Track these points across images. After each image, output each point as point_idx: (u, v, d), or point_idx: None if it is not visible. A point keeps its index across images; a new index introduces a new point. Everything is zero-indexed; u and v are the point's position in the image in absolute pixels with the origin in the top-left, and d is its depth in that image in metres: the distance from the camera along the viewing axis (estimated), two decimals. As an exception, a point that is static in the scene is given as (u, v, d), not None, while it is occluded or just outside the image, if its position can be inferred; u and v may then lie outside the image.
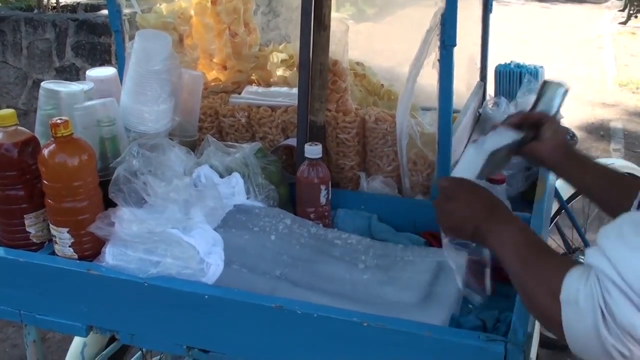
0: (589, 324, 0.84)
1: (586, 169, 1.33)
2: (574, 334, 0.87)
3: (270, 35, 2.17)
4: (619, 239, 0.86)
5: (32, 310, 1.34)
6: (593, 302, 0.84)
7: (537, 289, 0.94)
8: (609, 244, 0.87)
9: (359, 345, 1.10)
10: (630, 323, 0.81)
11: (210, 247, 1.29)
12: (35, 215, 1.35)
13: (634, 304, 0.81)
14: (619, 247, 0.85)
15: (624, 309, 0.82)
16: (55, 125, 1.23)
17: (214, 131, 1.79)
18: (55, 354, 2.76)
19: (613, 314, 0.82)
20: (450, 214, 1.15)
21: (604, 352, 0.84)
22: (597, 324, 0.83)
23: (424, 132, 1.59)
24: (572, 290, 0.87)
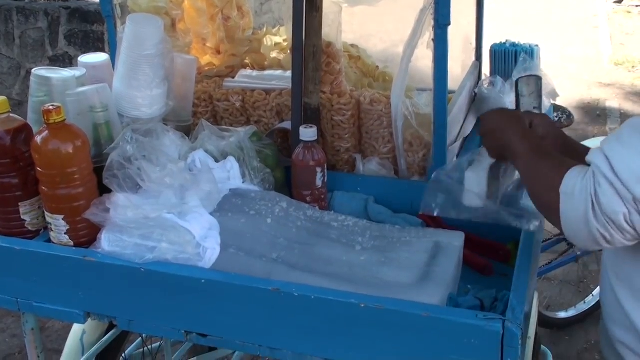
0: (581, 212, 1.00)
1: (582, 156, 1.34)
2: (568, 221, 1.03)
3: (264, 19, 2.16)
4: (617, 138, 1.00)
5: (29, 298, 1.34)
6: (586, 193, 0.99)
7: (542, 185, 1.10)
8: (607, 143, 1.01)
9: (357, 327, 1.10)
10: (613, 210, 0.97)
11: (207, 232, 1.28)
12: (30, 203, 1.35)
13: (619, 193, 0.96)
14: (615, 144, 0.99)
15: (610, 198, 0.97)
16: (47, 112, 1.23)
17: (208, 116, 1.78)
18: (55, 343, 2.77)
19: (600, 202, 0.97)
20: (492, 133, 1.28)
21: (590, 236, 1.00)
22: (587, 211, 0.99)
23: (420, 112, 1.58)
24: (570, 183, 1.02)
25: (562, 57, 6.86)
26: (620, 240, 1.00)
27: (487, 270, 1.40)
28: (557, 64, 6.38)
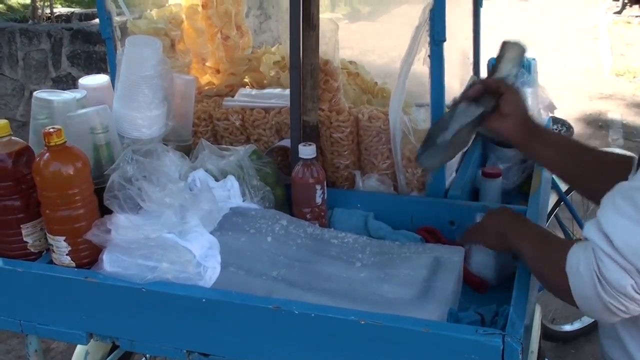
0: (590, 288, 1.00)
1: (550, 144, 1.35)
2: (580, 297, 1.03)
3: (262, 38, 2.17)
4: (611, 207, 1.00)
5: (32, 320, 1.35)
6: (590, 269, 1.00)
7: (549, 268, 1.11)
8: (603, 214, 1.01)
9: (358, 344, 1.10)
10: (620, 284, 0.97)
11: (207, 251, 1.29)
12: (32, 225, 1.35)
13: (622, 267, 0.96)
14: (610, 214, 0.99)
15: (614, 273, 0.97)
16: (48, 135, 1.24)
17: (208, 135, 1.79)
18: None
19: (605, 278, 0.98)
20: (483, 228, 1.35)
21: (606, 310, 1.01)
22: (596, 287, 0.99)
23: (418, 128, 1.59)
24: (573, 261, 1.03)
25: (563, 69, 6.88)
26: (636, 309, 1.00)
27: (482, 288, 1.40)
28: (557, 75, 6.40)
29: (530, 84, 1.91)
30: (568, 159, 1.33)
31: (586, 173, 1.31)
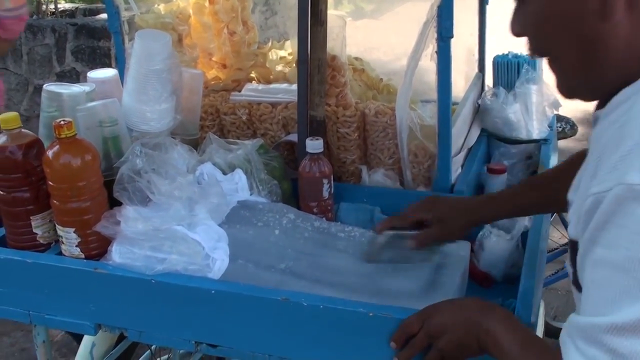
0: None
1: (499, 209, 1.33)
2: None
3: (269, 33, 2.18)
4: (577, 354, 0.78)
5: (41, 311, 1.35)
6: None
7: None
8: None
9: (366, 336, 1.11)
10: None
11: (215, 243, 1.30)
12: (42, 217, 1.36)
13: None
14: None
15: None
16: (58, 127, 1.25)
17: (215, 129, 1.80)
18: (66, 357, 2.78)
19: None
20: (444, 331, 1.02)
21: None
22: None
23: (424, 124, 1.60)
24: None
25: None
26: None
27: (487, 282, 1.41)
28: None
29: (535, 80, 1.92)
30: (530, 206, 1.31)
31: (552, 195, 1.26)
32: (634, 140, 0.74)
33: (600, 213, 0.75)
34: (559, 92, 0.94)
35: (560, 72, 0.91)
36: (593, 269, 0.77)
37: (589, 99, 0.93)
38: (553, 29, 0.87)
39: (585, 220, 0.78)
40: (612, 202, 0.73)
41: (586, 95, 0.92)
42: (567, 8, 0.83)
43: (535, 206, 1.32)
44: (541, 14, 0.87)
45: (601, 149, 0.80)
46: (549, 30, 0.87)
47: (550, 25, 0.87)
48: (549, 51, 0.91)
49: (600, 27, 0.82)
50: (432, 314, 1.04)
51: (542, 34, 0.89)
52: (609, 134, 0.80)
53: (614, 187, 0.73)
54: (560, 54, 0.89)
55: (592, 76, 0.87)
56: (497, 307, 1.00)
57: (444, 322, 1.02)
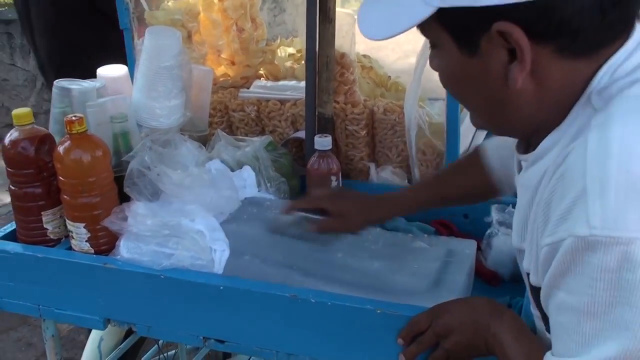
0: None
1: (392, 208, 1.37)
2: None
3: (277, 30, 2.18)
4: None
5: (51, 305, 1.36)
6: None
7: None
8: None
9: (373, 333, 1.12)
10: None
11: (213, 233, 1.31)
12: (53, 212, 1.37)
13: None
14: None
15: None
16: (70, 122, 1.25)
17: (224, 126, 1.81)
18: (72, 352, 2.79)
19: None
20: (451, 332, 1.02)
21: None
22: None
23: (433, 122, 1.60)
24: None
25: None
26: None
27: (495, 281, 1.42)
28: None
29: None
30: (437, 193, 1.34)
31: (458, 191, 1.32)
32: (577, 190, 0.75)
33: (557, 262, 0.77)
34: (470, 122, 0.98)
35: (472, 114, 0.95)
36: (558, 312, 0.79)
37: (498, 134, 1.02)
38: (460, 84, 0.89)
39: (543, 268, 0.80)
40: (566, 252, 0.75)
41: (495, 133, 1.01)
42: (473, 70, 0.84)
43: (426, 206, 1.37)
44: (449, 68, 0.88)
45: (547, 199, 0.81)
46: (457, 84, 0.90)
47: (458, 80, 0.89)
48: (458, 98, 0.95)
49: (504, 90, 0.83)
50: (441, 313, 1.04)
51: (450, 83, 0.91)
52: (550, 184, 0.82)
53: (566, 239, 0.75)
54: (468, 103, 0.93)
55: (500, 124, 0.91)
56: (507, 312, 1.00)
57: (452, 323, 1.02)
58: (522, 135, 0.92)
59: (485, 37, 0.80)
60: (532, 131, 0.88)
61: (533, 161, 0.88)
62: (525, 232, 0.91)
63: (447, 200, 1.36)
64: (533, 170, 0.88)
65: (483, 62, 0.82)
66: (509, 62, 0.80)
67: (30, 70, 5.35)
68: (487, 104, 0.87)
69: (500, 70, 0.81)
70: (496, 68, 0.82)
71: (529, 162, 0.90)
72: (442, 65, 0.89)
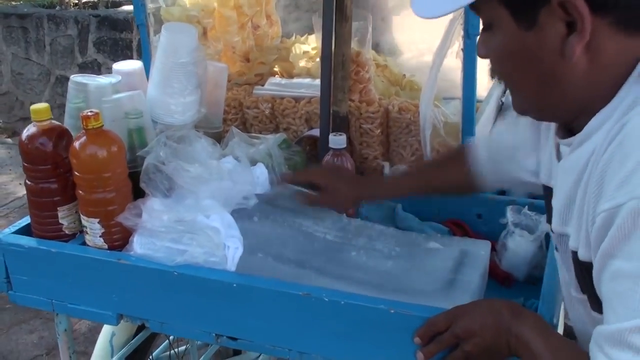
0: None
1: (384, 190, 1.42)
2: None
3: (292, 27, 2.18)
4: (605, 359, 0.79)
5: (64, 300, 1.37)
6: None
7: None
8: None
9: (386, 332, 1.11)
10: None
11: (228, 230, 1.30)
12: (68, 208, 1.37)
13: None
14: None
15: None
16: (86, 118, 1.26)
17: (238, 123, 1.81)
18: (82, 345, 2.81)
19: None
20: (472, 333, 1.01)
21: None
22: None
23: (448, 121, 1.59)
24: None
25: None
26: None
27: (508, 282, 1.41)
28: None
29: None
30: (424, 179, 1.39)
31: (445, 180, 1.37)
32: (638, 156, 0.76)
33: (616, 227, 0.77)
34: (513, 109, 0.98)
35: (517, 96, 0.96)
36: (613, 281, 0.79)
37: (539, 119, 1.02)
38: (515, 60, 0.90)
39: (598, 237, 0.80)
40: (627, 216, 0.75)
41: (537, 118, 0.99)
42: (530, 44, 0.86)
43: (416, 190, 1.40)
44: (505, 46, 0.89)
45: (601, 170, 0.82)
46: (511, 61, 0.90)
47: (513, 57, 0.89)
48: (509, 78, 0.95)
49: (559, 64, 0.85)
50: (460, 315, 1.03)
51: (504, 63, 0.92)
52: (604, 157, 0.82)
53: (627, 202, 0.75)
54: (520, 82, 0.93)
55: (547, 105, 0.92)
56: (528, 312, 1.00)
57: (472, 325, 1.01)
58: (567, 116, 0.93)
59: (544, 10, 0.82)
60: (578, 111, 0.89)
61: (579, 142, 0.90)
62: (570, 215, 0.92)
63: (434, 189, 1.40)
64: (579, 152, 0.89)
65: (540, 35, 0.84)
66: (566, 35, 0.82)
67: (44, 64, 5.38)
68: (539, 82, 0.89)
69: (557, 44, 0.83)
70: (553, 41, 0.84)
71: (575, 145, 0.91)
72: (496, 45, 0.90)
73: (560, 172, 0.96)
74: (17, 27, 5.41)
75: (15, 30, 5.41)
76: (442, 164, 1.41)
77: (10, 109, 5.65)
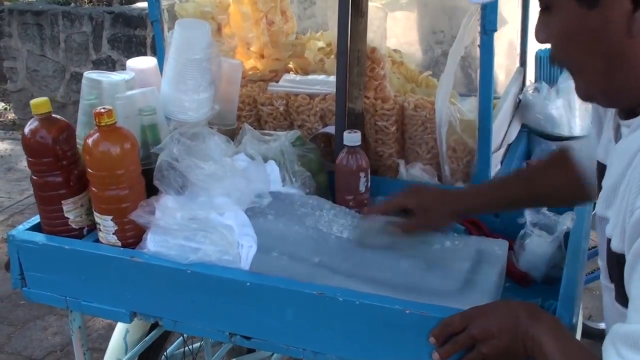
0: None
1: (482, 201, 1.32)
2: None
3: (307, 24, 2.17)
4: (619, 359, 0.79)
5: (78, 297, 1.36)
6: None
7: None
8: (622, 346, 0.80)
9: (401, 333, 1.10)
10: None
11: (242, 228, 1.29)
12: (74, 201, 1.37)
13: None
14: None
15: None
16: (99, 114, 1.25)
17: (252, 119, 1.80)
18: (97, 342, 2.82)
19: None
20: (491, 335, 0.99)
21: None
22: None
23: (464, 118, 1.57)
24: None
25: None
26: None
27: (525, 282, 1.39)
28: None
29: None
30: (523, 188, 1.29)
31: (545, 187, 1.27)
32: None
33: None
34: (577, 95, 0.94)
35: (582, 80, 0.91)
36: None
37: (607, 105, 0.96)
38: (578, 42, 0.86)
39: (633, 232, 0.78)
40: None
41: (604, 103, 0.94)
42: (593, 24, 0.82)
43: (519, 201, 1.32)
44: (567, 27, 0.86)
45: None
46: (574, 43, 0.86)
47: (575, 38, 0.86)
48: (573, 62, 0.90)
49: (626, 42, 0.81)
50: (477, 316, 1.02)
51: (566, 46, 0.88)
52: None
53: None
54: (584, 65, 0.89)
55: (614, 87, 0.87)
56: (545, 314, 0.98)
57: (489, 327, 0.99)
58: (632, 101, 0.88)
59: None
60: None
61: (637, 126, 0.86)
62: (614, 199, 0.88)
63: (538, 198, 1.30)
64: (636, 136, 0.86)
65: (605, 13, 0.81)
66: (632, 12, 0.79)
67: (59, 61, 5.40)
68: (606, 62, 0.85)
69: (624, 21, 0.80)
70: (619, 18, 0.80)
71: (633, 127, 0.87)
72: (556, 27, 0.87)
73: (616, 154, 0.92)
74: (32, 24, 5.43)
75: (30, 27, 5.44)
76: (543, 169, 1.28)
77: (25, 105, 5.68)
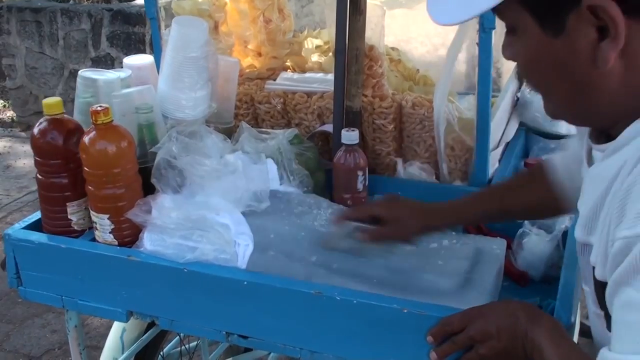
0: None
1: (453, 217, 1.31)
2: None
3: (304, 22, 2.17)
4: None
5: (74, 296, 1.36)
6: None
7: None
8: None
9: (399, 332, 1.09)
10: None
11: (238, 227, 1.29)
12: (78, 204, 1.36)
13: None
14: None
15: None
16: (95, 113, 1.24)
17: (249, 118, 1.79)
18: (94, 340, 2.81)
19: None
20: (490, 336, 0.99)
21: None
22: None
23: (462, 117, 1.57)
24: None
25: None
26: None
27: (523, 281, 1.38)
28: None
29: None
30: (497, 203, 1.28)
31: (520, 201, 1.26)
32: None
33: (632, 257, 0.73)
34: (545, 113, 0.92)
35: (549, 101, 0.89)
36: (624, 310, 0.76)
37: (576, 125, 0.96)
38: (544, 67, 0.83)
39: (614, 262, 0.77)
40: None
41: (573, 123, 0.93)
42: (559, 52, 0.80)
43: (493, 217, 1.32)
44: (532, 52, 0.83)
45: (626, 190, 0.77)
46: (540, 67, 0.84)
47: (540, 64, 0.83)
48: (537, 85, 0.89)
49: (593, 71, 0.79)
50: (476, 317, 1.01)
51: (532, 69, 0.86)
52: (631, 176, 0.78)
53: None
54: (550, 88, 0.87)
55: (582, 111, 0.86)
56: (545, 316, 0.97)
57: (488, 328, 0.98)
58: (602, 124, 0.87)
59: (573, 15, 0.76)
60: (614, 119, 0.84)
61: (613, 151, 0.84)
62: (594, 226, 0.87)
63: (510, 214, 1.30)
64: (610, 161, 0.84)
65: (569, 42, 0.78)
66: (598, 41, 0.76)
67: (58, 58, 5.40)
68: (571, 89, 0.83)
69: (588, 50, 0.77)
70: (584, 48, 0.77)
71: (607, 152, 0.85)
72: (522, 51, 0.84)
73: (590, 179, 0.90)
74: (31, 21, 5.42)
75: (29, 24, 5.42)
76: (516, 186, 1.28)
77: (24, 103, 5.67)
